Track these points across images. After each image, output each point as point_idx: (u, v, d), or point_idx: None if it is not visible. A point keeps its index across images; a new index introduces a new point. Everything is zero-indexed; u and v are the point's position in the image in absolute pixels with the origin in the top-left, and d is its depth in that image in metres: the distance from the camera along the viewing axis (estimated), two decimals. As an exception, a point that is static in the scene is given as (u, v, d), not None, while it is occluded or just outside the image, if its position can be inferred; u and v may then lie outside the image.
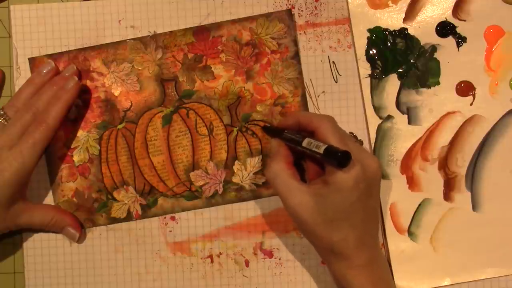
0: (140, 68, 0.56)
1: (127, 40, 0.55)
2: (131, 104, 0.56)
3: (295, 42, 0.55)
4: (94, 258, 0.56)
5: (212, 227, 0.56)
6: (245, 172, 0.55)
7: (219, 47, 0.55)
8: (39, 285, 0.56)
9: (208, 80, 0.55)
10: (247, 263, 0.56)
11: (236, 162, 0.55)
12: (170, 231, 0.56)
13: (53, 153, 0.56)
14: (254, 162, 0.55)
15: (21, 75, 0.56)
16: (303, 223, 0.48)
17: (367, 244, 0.49)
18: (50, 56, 0.55)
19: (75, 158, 0.56)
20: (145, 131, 0.56)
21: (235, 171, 0.56)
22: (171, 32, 0.55)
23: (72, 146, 0.56)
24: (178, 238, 0.56)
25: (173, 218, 0.56)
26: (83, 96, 0.56)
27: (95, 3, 0.56)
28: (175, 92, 0.56)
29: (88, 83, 0.56)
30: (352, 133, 0.55)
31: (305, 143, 0.48)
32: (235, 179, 0.56)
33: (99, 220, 0.56)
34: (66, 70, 0.54)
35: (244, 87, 0.55)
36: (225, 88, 0.55)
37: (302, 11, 0.56)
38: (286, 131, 0.51)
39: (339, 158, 0.45)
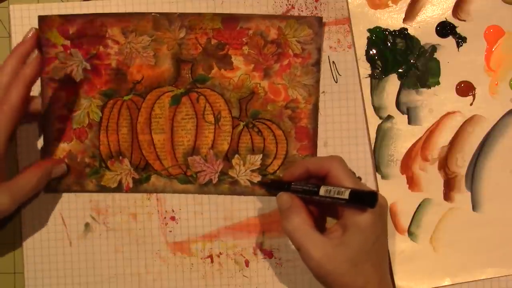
0: (159, 44, 0.55)
1: (153, 14, 0.54)
2: (143, 77, 0.55)
3: (319, 51, 0.54)
4: (94, 258, 0.56)
5: (212, 227, 0.56)
6: (242, 167, 0.55)
7: (244, 39, 0.54)
8: (39, 285, 0.56)
9: (226, 69, 0.55)
10: (247, 263, 0.56)
11: (236, 156, 0.55)
12: (170, 231, 0.56)
13: (51, 112, 0.55)
14: (253, 160, 0.55)
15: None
16: (327, 274, 0.46)
17: (386, 281, 0.49)
18: (64, 17, 0.54)
19: (74, 120, 0.55)
20: (151, 107, 0.55)
21: (233, 164, 0.55)
22: (199, 14, 0.54)
23: (73, 109, 0.55)
24: (178, 238, 0.56)
25: (173, 218, 0.56)
26: (93, 61, 0.55)
27: (95, 3, 0.56)
28: (189, 75, 0.55)
29: (101, 49, 0.55)
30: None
31: (322, 191, 0.47)
32: (231, 173, 0.55)
33: (88, 186, 0.55)
34: (25, 36, 0.52)
35: (260, 84, 0.55)
36: (240, 81, 0.55)
37: (302, 11, 0.55)
38: (293, 183, 0.49)
39: (369, 200, 0.45)
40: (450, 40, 0.55)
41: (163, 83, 0.55)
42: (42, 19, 0.54)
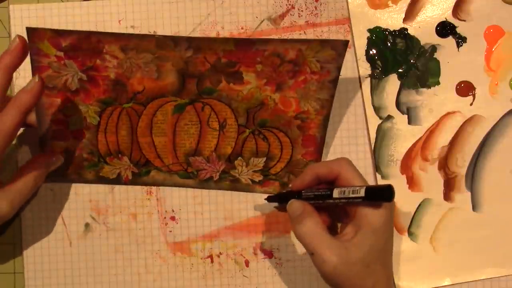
0: (162, 61, 0.51)
1: (156, 36, 0.51)
2: (144, 88, 0.53)
3: (339, 69, 0.51)
4: (94, 258, 0.56)
5: (212, 227, 0.56)
6: (245, 168, 0.55)
7: (258, 59, 0.51)
8: (39, 285, 0.56)
9: (235, 83, 0.53)
10: (247, 263, 0.56)
11: (239, 158, 0.55)
12: (170, 231, 0.56)
13: (46, 116, 0.53)
14: (257, 162, 0.55)
15: (20, 75, 0.55)
16: (341, 277, 0.46)
17: (392, 280, 0.49)
18: (56, 32, 0.50)
19: (70, 122, 0.54)
20: (152, 114, 0.53)
21: (236, 166, 0.55)
22: (210, 38, 0.51)
23: (69, 114, 0.53)
24: (178, 238, 0.56)
25: (173, 218, 0.56)
26: (89, 72, 0.52)
27: (95, 3, 0.56)
28: (195, 88, 0.53)
29: (98, 62, 0.52)
30: None
31: (336, 193, 0.47)
32: (233, 172, 0.55)
33: (87, 176, 0.55)
34: (11, 45, 0.47)
35: (270, 96, 0.53)
36: (250, 93, 0.53)
37: (302, 11, 0.55)
38: (303, 191, 0.49)
39: (386, 194, 0.45)
40: (450, 40, 0.55)
41: (167, 94, 0.53)
42: (31, 30, 0.49)
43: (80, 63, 0.52)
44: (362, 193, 0.46)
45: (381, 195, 0.45)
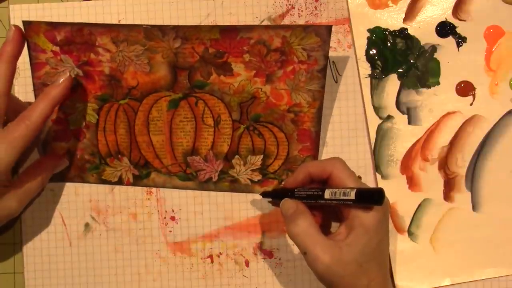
0: (153, 53, 0.53)
1: (143, 26, 0.52)
2: (138, 83, 0.54)
3: (326, 57, 0.52)
4: (94, 258, 0.56)
5: (212, 227, 0.56)
6: (243, 167, 0.55)
7: (244, 48, 0.52)
8: (39, 285, 0.56)
9: (225, 75, 0.53)
10: (247, 263, 0.56)
11: (236, 157, 0.55)
12: (170, 231, 0.56)
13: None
14: (254, 160, 0.55)
15: (20, 75, 0.56)
16: (334, 276, 0.46)
17: (388, 279, 0.49)
18: (51, 23, 0.52)
19: (70, 122, 0.55)
20: (148, 110, 0.54)
21: (234, 165, 0.55)
22: (196, 26, 0.52)
23: (68, 112, 0.54)
24: (178, 238, 0.56)
25: (173, 218, 0.56)
26: (84, 67, 0.53)
27: (95, 3, 0.56)
28: (187, 80, 0.53)
29: (92, 56, 0.53)
30: None
31: (327, 194, 0.47)
32: (231, 172, 0.55)
33: (89, 178, 0.56)
34: (8, 35, 0.49)
35: (261, 89, 0.53)
36: (241, 86, 0.53)
37: (302, 11, 0.55)
38: (296, 189, 0.50)
39: (376, 198, 0.45)
40: (450, 40, 0.55)
41: (160, 88, 0.54)
42: (27, 24, 0.51)
43: (76, 58, 0.53)
44: (352, 195, 0.46)
45: (371, 199, 0.45)
